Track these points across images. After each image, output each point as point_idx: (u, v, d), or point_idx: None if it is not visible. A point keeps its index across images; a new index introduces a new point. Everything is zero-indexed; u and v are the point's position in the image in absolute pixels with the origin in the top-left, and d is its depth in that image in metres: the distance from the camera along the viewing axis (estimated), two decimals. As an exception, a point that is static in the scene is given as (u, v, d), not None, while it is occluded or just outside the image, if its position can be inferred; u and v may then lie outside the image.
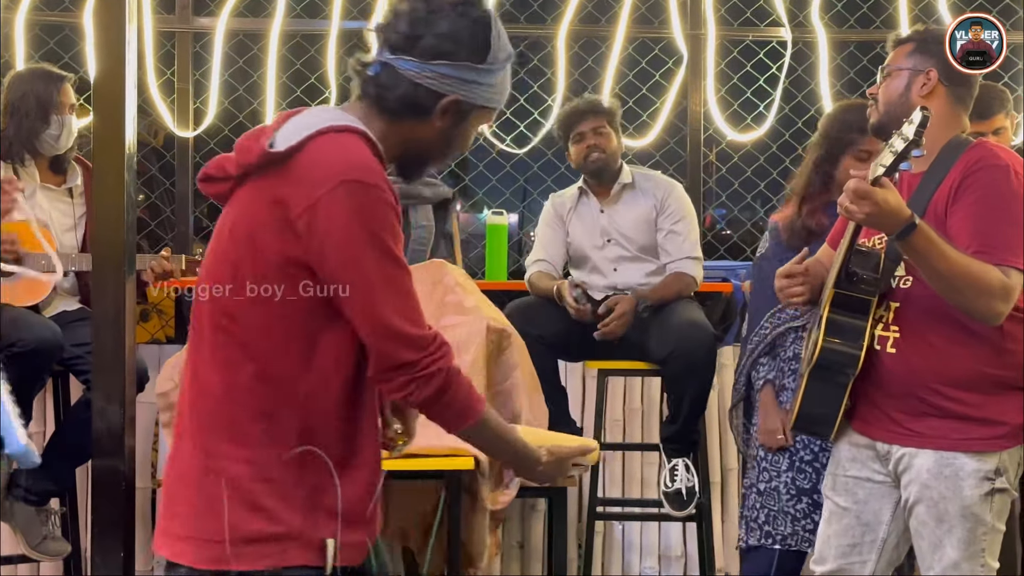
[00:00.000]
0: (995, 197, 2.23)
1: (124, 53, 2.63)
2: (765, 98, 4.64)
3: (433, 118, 1.73)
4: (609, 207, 3.79)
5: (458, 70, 1.70)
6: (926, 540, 2.30)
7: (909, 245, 2.15)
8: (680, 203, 3.78)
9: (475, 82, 1.72)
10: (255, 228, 1.64)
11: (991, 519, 2.27)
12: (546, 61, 4.59)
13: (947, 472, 2.26)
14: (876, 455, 2.38)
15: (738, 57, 4.68)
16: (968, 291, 2.18)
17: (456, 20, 1.70)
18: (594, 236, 3.78)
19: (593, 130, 3.72)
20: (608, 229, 3.77)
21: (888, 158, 2.10)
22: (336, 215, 1.60)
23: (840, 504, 2.45)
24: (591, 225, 3.79)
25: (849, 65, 4.70)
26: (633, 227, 3.75)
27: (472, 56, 1.71)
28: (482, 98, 1.75)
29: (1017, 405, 2.28)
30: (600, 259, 3.77)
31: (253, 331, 1.66)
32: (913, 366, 2.29)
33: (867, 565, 2.42)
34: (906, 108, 2.33)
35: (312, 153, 1.64)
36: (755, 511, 2.91)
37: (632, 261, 3.75)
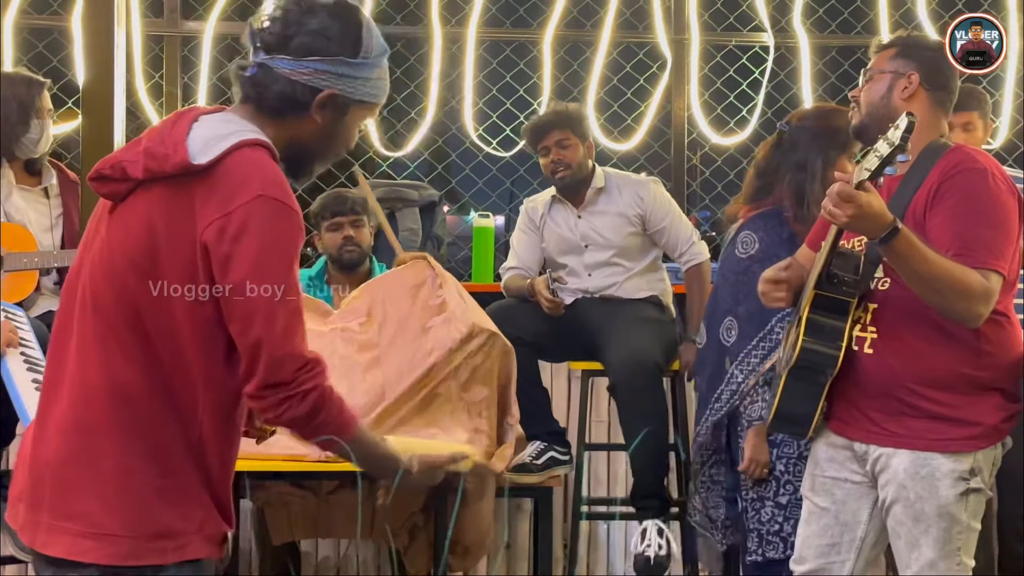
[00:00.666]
0: (974, 200, 2.24)
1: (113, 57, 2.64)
2: (748, 102, 4.66)
3: (312, 114, 1.76)
4: (585, 212, 3.70)
5: (332, 65, 1.74)
6: (903, 539, 2.30)
7: (891, 249, 2.15)
8: (660, 197, 3.70)
9: (349, 76, 1.76)
10: (168, 231, 1.67)
11: (966, 518, 2.28)
12: (532, 65, 4.59)
13: (923, 472, 2.26)
14: (854, 455, 2.39)
15: (721, 62, 4.70)
16: (948, 294, 2.18)
17: (327, 18, 1.75)
18: (572, 242, 3.70)
19: (557, 143, 3.61)
20: (587, 234, 3.68)
21: (873, 162, 2.09)
22: (246, 227, 1.64)
23: (819, 504, 2.45)
24: (568, 231, 3.71)
25: (830, 70, 4.72)
26: (611, 230, 3.66)
27: (345, 51, 1.75)
28: (359, 92, 1.79)
29: (992, 406, 2.29)
30: (577, 264, 3.69)
31: (166, 332, 1.67)
32: (890, 367, 2.29)
33: (846, 564, 2.43)
34: (888, 111, 2.35)
35: (231, 167, 1.67)
36: (776, 524, 2.88)
37: (607, 265, 3.67)
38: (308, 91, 1.75)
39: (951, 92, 2.42)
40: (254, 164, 1.69)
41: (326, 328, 3.09)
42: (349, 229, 3.60)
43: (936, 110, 2.39)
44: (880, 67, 2.42)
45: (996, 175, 2.28)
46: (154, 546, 1.67)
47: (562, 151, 3.59)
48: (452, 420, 2.97)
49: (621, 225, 3.65)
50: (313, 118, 1.77)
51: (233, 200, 1.64)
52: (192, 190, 1.67)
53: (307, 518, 3.33)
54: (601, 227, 3.66)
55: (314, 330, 3.05)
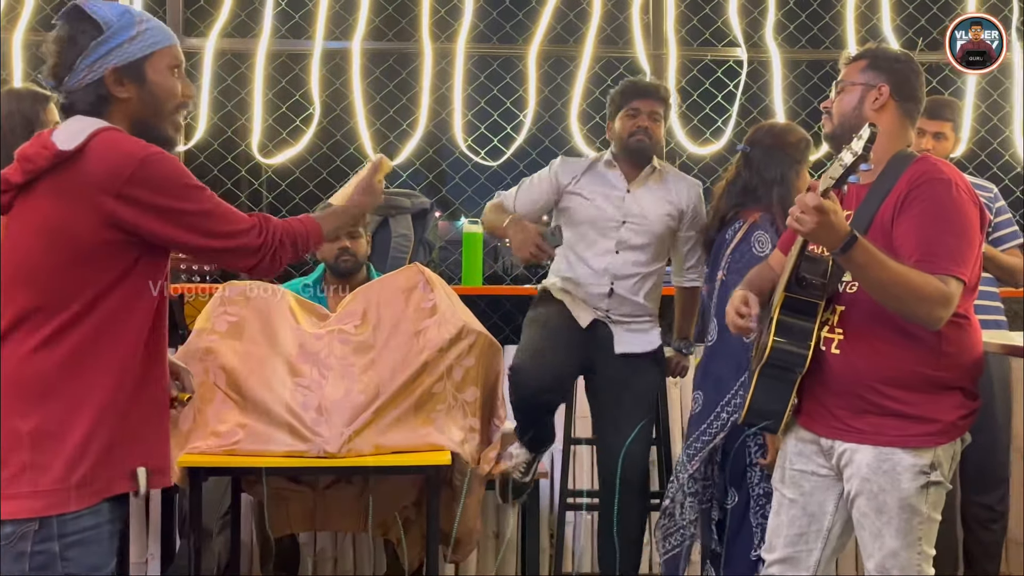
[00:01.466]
0: (939, 209, 2.25)
1: (118, 74, 2.64)
2: (723, 113, 4.68)
3: (120, 93, 1.93)
4: (636, 188, 3.41)
5: (89, 55, 1.90)
6: (867, 530, 2.33)
7: (849, 259, 2.16)
8: (702, 206, 3.45)
9: (111, 48, 1.91)
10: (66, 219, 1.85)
11: (927, 510, 2.31)
12: (518, 79, 4.61)
13: (886, 467, 2.29)
14: (820, 450, 2.42)
15: (697, 75, 4.72)
16: (907, 299, 2.20)
17: (61, 27, 1.93)
18: (612, 212, 3.38)
19: (650, 113, 3.38)
20: (631, 210, 3.38)
21: (837, 171, 2.11)
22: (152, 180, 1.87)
23: (788, 496, 2.48)
24: (612, 200, 3.39)
25: (801, 83, 4.75)
26: (655, 215, 3.39)
27: (90, 36, 1.91)
28: (130, 52, 1.93)
29: (952, 404, 2.32)
30: (605, 239, 3.37)
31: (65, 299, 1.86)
32: (856, 366, 2.31)
33: (813, 553, 2.46)
34: (859, 121, 2.35)
35: (101, 146, 1.87)
36: None
37: (634, 250, 3.37)
38: (100, 83, 1.92)
39: (919, 102, 2.44)
40: (118, 137, 1.89)
41: (323, 330, 3.10)
42: (346, 240, 3.61)
43: (904, 120, 2.41)
44: (851, 79, 2.43)
45: (960, 186, 2.30)
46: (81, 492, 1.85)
47: (652, 122, 3.38)
48: (448, 419, 2.99)
49: (664, 214, 3.40)
50: (124, 97, 1.93)
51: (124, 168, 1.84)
52: (73, 175, 1.85)
53: (304, 512, 3.33)
54: (647, 208, 3.39)
55: (312, 332, 3.08)
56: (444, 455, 2.88)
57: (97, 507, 1.87)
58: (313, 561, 3.98)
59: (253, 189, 5.29)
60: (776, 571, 2.49)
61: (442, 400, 3.00)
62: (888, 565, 2.30)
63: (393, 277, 3.21)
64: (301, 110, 4.54)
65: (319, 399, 2.94)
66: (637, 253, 3.37)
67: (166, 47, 1.98)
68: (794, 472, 2.47)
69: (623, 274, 3.36)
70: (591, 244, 3.39)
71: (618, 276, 3.36)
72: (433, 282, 3.13)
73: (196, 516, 2.94)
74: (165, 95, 1.97)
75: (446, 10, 4.54)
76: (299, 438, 2.88)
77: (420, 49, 4.47)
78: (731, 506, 3.05)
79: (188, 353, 2.99)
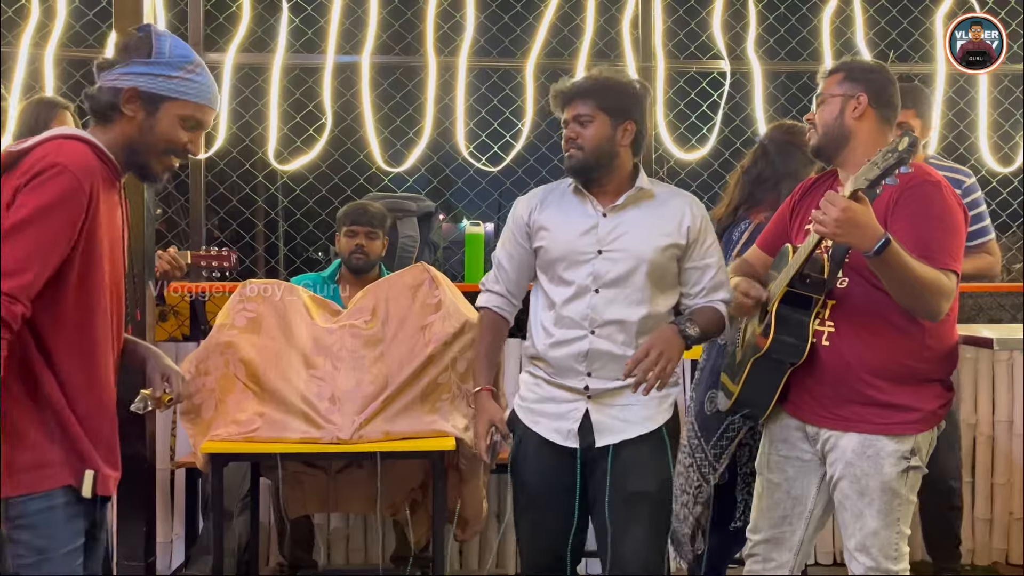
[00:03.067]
0: (932, 210, 2.23)
1: (142, 86, 2.61)
2: (707, 122, 4.65)
3: (125, 111, 1.92)
4: (614, 213, 2.46)
5: (128, 67, 1.92)
6: (849, 511, 2.30)
7: (882, 260, 2.11)
8: (711, 231, 2.53)
9: (147, 74, 1.91)
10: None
11: (906, 492, 2.29)
12: (516, 90, 4.58)
13: (869, 452, 2.26)
14: (805, 436, 2.39)
15: (684, 86, 4.70)
16: (923, 294, 2.16)
17: (128, 37, 1.97)
18: (582, 243, 2.44)
19: (575, 117, 2.45)
20: (607, 237, 2.44)
21: (874, 172, 2.05)
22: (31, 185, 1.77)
23: (772, 480, 2.45)
24: (582, 226, 2.46)
25: (780, 93, 4.73)
26: (643, 238, 2.43)
27: (138, 56, 1.93)
28: (160, 87, 1.92)
29: (931, 394, 2.30)
30: (580, 276, 2.43)
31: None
32: (845, 358, 2.28)
33: (796, 533, 2.43)
34: (842, 130, 2.34)
35: (41, 149, 1.83)
36: None
37: (620, 286, 2.42)
38: (116, 92, 1.92)
39: (895, 108, 2.41)
40: (55, 146, 1.83)
41: (336, 325, 3.07)
42: (363, 239, 3.62)
43: (883, 126, 2.37)
44: (830, 91, 2.39)
45: (946, 187, 2.28)
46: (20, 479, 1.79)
47: (579, 127, 2.44)
48: (452, 407, 2.96)
49: (658, 235, 2.45)
50: (129, 116, 1.91)
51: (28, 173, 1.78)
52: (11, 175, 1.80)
53: (319, 494, 3.31)
54: (632, 231, 2.44)
55: (325, 327, 3.05)
56: (448, 441, 2.86)
57: (48, 493, 1.81)
58: (327, 540, 3.96)
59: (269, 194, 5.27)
60: (761, 551, 2.47)
61: (447, 390, 2.98)
62: (868, 544, 2.28)
63: (401, 275, 3.18)
64: (314, 120, 4.52)
65: (332, 389, 2.93)
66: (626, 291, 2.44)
67: (195, 103, 1.95)
68: (779, 457, 2.44)
69: (616, 318, 2.43)
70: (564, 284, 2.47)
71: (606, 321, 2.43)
72: (438, 280, 3.10)
73: (218, 499, 2.92)
74: (164, 133, 1.94)
75: (449, 26, 4.51)
76: (313, 425, 2.86)
77: (425, 63, 4.44)
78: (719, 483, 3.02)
79: (209, 347, 2.96)
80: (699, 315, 2.45)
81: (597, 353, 2.42)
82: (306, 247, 5.10)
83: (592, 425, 2.44)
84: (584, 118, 2.44)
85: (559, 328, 2.45)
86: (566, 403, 2.47)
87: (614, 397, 2.44)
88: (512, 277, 2.57)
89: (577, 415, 2.45)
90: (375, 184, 4.77)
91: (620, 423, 2.44)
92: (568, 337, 2.44)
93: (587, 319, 2.42)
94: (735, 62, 4.56)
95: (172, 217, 4.99)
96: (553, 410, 2.48)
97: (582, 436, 2.45)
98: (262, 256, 5.78)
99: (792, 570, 2.44)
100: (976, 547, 4.16)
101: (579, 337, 2.43)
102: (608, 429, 2.44)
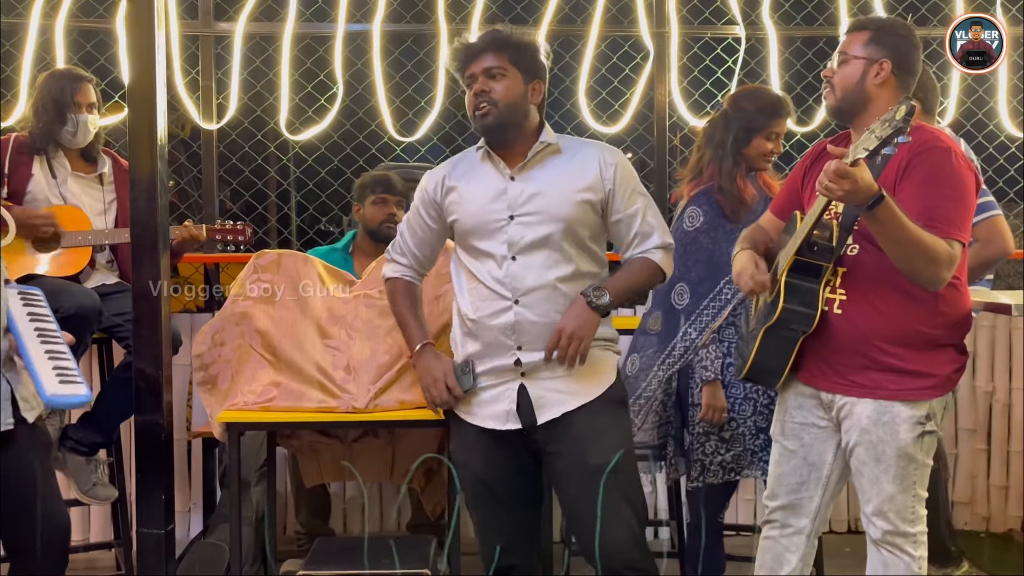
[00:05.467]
0: (941, 176, 2.20)
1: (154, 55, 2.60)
2: (722, 88, 4.60)
3: None
4: (522, 174, 2.39)
5: None
6: (866, 477, 2.31)
7: (874, 216, 2.10)
8: (633, 178, 2.44)
9: None
10: None
11: (922, 457, 2.29)
12: (529, 58, 4.54)
13: (885, 419, 2.26)
14: (820, 403, 2.39)
15: (698, 52, 4.65)
16: (919, 258, 2.15)
17: None
18: (492, 210, 2.36)
19: (485, 71, 2.36)
20: (518, 200, 2.35)
21: (872, 142, 2.03)
22: None
23: (788, 447, 2.45)
24: (491, 192, 2.38)
25: (796, 58, 4.67)
26: (557, 196, 2.35)
27: None
28: None
29: (945, 359, 2.29)
30: (495, 245, 2.36)
31: None
32: (857, 325, 2.28)
33: (814, 499, 2.44)
34: (861, 95, 2.30)
35: None
36: (718, 455, 2.92)
37: (538, 250, 2.34)
38: None
39: (916, 74, 2.36)
40: None
41: (351, 295, 3.08)
42: (394, 208, 3.58)
43: (901, 94, 2.31)
44: (853, 52, 2.33)
45: (958, 154, 2.24)
46: None
47: (491, 81, 2.35)
48: (465, 377, 2.96)
49: (571, 191, 2.36)
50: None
51: None
52: None
53: (335, 463, 3.33)
54: (543, 190, 2.36)
55: (340, 297, 3.06)
56: (464, 410, 2.86)
57: None
58: (343, 509, 3.99)
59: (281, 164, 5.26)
60: (779, 517, 2.48)
61: (460, 358, 2.98)
62: (885, 508, 2.29)
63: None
64: (325, 89, 4.50)
65: (347, 359, 2.93)
66: (544, 254, 2.36)
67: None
68: (794, 425, 2.44)
69: (539, 284, 2.35)
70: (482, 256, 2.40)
71: (529, 288, 2.35)
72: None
73: (235, 468, 2.94)
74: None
75: (461, -8, 4.47)
76: (329, 395, 2.87)
77: (436, 30, 4.40)
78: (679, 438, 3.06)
79: (224, 317, 2.97)
80: (616, 278, 2.40)
81: (524, 324, 2.34)
82: (319, 217, 5.09)
83: (532, 402, 2.36)
84: (495, 71, 2.36)
85: (482, 302, 2.37)
86: (499, 385, 2.40)
87: (549, 369, 2.36)
88: (416, 253, 2.57)
89: (511, 394, 2.38)
90: (387, 154, 4.75)
91: (559, 395, 2.36)
92: (492, 310, 2.35)
93: (509, 288, 2.34)
94: (750, 27, 4.51)
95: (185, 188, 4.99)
96: (485, 396, 2.40)
97: (523, 416, 2.37)
98: (275, 227, 5.78)
99: (810, 535, 2.46)
100: (992, 514, 4.17)
101: (504, 309, 2.35)
102: (548, 403, 2.36)
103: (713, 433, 2.93)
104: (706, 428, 2.92)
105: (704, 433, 2.93)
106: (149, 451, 2.65)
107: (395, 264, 2.61)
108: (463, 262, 2.45)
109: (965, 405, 4.06)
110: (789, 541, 2.46)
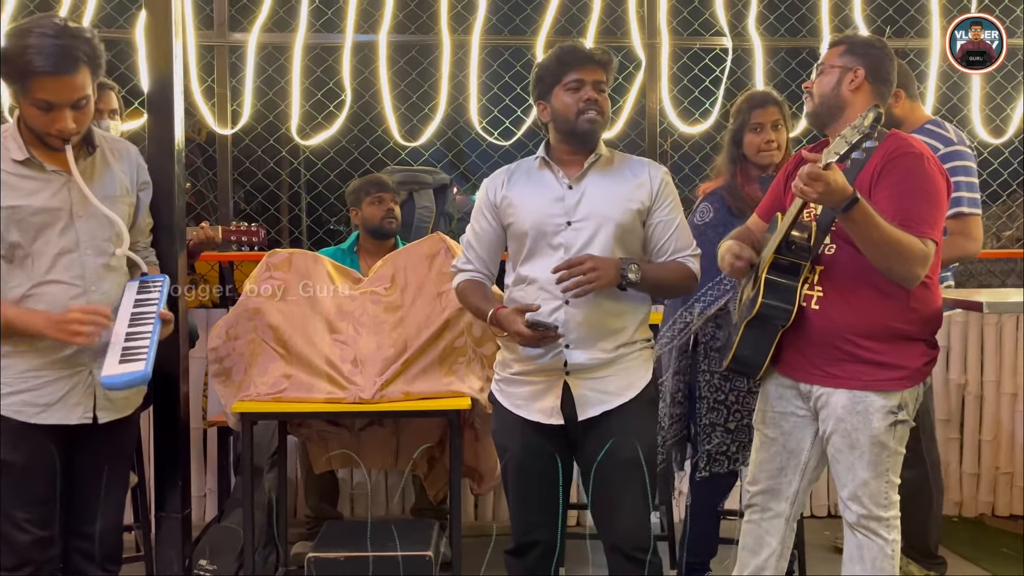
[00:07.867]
0: (914, 179, 2.22)
1: (172, 64, 2.62)
2: (710, 96, 4.63)
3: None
4: (579, 183, 2.42)
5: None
6: (841, 464, 2.33)
7: (849, 217, 2.13)
8: (675, 193, 2.49)
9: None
10: None
11: (894, 445, 2.31)
12: (527, 67, 4.55)
13: (859, 408, 2.28)
14: (799, 393, 2.41)
15: (687, 62, 4.67)
16: (894, 257, 2.17)
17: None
18: (551, 214, 2.39)
19: (595, 84, 2.39)
20: (575, 207, 2.39)
21: (842, 147, 2.05)
22: None
23: (768, 435, 2.48)
24: (550, 198, 2.41)
25: (780, 68, 4.69)
26: (609, 203, 2.40)
27: None
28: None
29: (916, 353, 2.31)
30: (550, 249, 2.39)
31: None
32: (833, 320, 2.30)
33: (792, 484, 2.47)
34: (837, 100, 2.34)
35: None
36: (724, 446, 2.94)
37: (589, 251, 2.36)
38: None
39: (890, 84, 2.40)
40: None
41: (357, 292, 3.10)
42: (390, 203, 3.63)
43: (875, 101, 2.35)
44: (830, 62, 2.39)
45: (929, 159, 2.27)
46: None
47: (599, 94, 2.39)
48: (468, 370, 2.98)
49: (622, 199, 2.42)
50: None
51: None
52: None
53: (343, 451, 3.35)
54: (596, 197, 2.40)
55: (348, 294, 3.08)
56: (464, 401, 2.89)
57: None
58: (350, 495, 4.01)
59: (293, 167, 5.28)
60: (759, 501, 2.50)
61: (463, 353, 3.00)
62: (860, 493, 2.31)
63: (418, 245, 3.19)
64: (334, 97, 4.52)
65: (354, 352, 2.95)
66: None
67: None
68: (775, 414, 2.46)
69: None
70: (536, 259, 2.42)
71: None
72: (453, 249, 3.12)
73: (248, 456, 2.96)
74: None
75: (462, 5, 4.49)
76: (337, 386, 2.89)
77: (439, 41, 4.42)
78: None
79: (238, 313, 2.99)
80: (653, 265, 2.42)
81: (572, 324, 2.36)
82: (328, 218, 5.11)
83: (573, 399, 2.40)
84: (603, 86, 2.42)
85: (534, 301, 2.39)
86: (544, 382, 2.42)
87: (593, 371, 2.39)
88: (482, 255, 2.53)
89: (557, 391, 2.40)
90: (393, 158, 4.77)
91: (601, 395, 2.39)
92: (544, 309, 2.36)
93: (562, 288, 2.33)
94: (737, 39, 4.53)
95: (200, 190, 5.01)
96: (532, 391, 2.43)
97: (564, 411, 2.40)
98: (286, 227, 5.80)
99: (789, 519, 2.48)
100: (964, 500, 4.20)
101: (555, 308, 2.37)
102: (589, 402, 2.39)
103: (719, 424, 2.94)
104: (712, 420, 2.93)
105: (711, 424, 2.94)
106: (167, 439, 2.67)
107: (459, 273, 2.57)
108: (516, 265, 2.47)
109: (939, 396, 4.08)
110: (769, 524, 2.49)
